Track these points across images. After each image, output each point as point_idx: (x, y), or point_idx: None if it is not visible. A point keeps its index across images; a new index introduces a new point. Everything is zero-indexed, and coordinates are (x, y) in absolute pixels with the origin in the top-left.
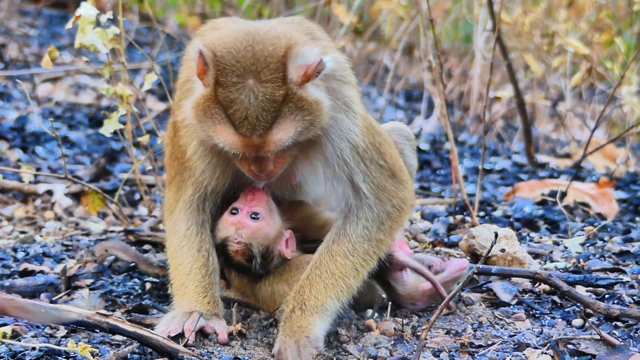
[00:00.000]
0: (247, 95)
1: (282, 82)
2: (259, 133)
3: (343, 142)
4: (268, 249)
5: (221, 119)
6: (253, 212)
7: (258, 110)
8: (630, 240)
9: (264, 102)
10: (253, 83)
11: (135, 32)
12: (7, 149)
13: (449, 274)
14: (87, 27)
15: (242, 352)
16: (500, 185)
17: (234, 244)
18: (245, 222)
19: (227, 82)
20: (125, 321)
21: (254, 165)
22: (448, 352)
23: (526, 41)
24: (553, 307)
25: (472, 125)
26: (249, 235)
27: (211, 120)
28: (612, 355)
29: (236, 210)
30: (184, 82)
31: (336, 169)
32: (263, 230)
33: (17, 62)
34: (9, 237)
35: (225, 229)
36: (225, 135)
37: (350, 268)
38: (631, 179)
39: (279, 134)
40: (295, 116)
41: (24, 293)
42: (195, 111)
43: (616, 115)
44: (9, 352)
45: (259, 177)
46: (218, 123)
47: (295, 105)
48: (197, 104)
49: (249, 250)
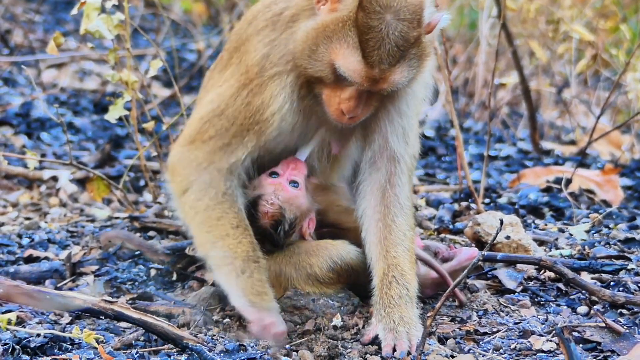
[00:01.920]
0: (387, 27)
1: (417, 24)
2: (384, 67)
3: (409, 108)
4: (296, 220)
5: (352, 44)
6: (292, 179)
7: (391, 44)
8: (636, 227)
9: (399, 37)
10: (392, 18)
11: (140, 18)
12: (12, 134)
13: (458, 262)
14: (92, 13)
15: (247, 340)
16: (505, 172)
17: (267, 205)
18: (284, 186)
19: (370, 8)
20: (131, 308)
21: (352, 102)
22: (454, 339)
23: (531, 28)
24: (558, 295)
25: (477, 112)
26: (286, 199)
27: (339, 43)
28: (617, 343)
29: (276, 174)
30: (243, 41)
31: (389, 135)
32: (299, 199)
33: (22, 48)
34: (13, 224)
35: (263, 187)
36: (351, 60)
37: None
38: (636, 165)
39: (400, 74)
40: (414, 62)
41: (28, 279)
42: (320, 33)
43: (621, 102)
44: (13, 338)
45: (343, 118)
46: (347, 47)
47: (418, 51)
48: (325, 26)
49: (280, 214)
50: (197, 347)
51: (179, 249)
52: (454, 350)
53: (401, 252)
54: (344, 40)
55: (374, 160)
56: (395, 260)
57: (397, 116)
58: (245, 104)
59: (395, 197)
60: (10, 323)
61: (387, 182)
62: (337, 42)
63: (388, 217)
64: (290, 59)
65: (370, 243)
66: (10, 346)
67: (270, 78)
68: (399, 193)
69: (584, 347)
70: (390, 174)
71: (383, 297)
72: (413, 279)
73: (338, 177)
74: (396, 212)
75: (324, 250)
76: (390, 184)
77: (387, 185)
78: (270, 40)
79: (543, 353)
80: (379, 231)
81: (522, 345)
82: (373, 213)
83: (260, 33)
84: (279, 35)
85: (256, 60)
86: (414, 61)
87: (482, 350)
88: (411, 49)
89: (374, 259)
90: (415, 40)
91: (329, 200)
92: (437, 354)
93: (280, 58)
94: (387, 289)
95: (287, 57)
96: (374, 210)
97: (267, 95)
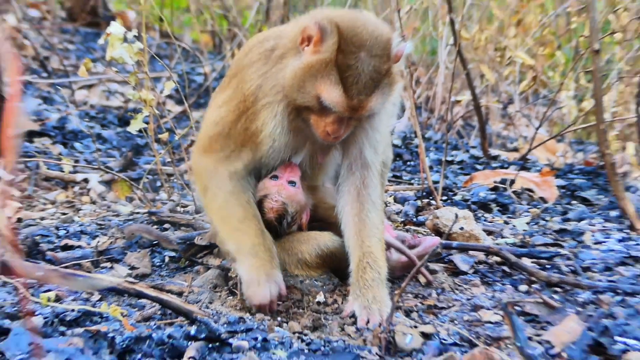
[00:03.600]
0: (362, 64)
1: (387, 58)
2: (361, 97)
3: (381, 124)
4: (297, 213)
5: (334, 80)
6: (291, 180)
7: (367, 77)
8: (568, 220)
9: (372, 71)
10: (365, 55)
11: (156, 47)
12: (51, 144)
13: (423, 248)
14: (116, 43)
15: (247, 314)
16: (460, 174)
17: (272, 202)
18: (285, 185)
19: (347, 50)
20: (149, 287)
21: (335, 125)
22: (417, 312)
23: (482, 54)
24: (503, 276)
25: (437, 125)
26: (287, 196)
27: (323, 81)
28: (552, 316)
29: (276, 177)
30: (240, 69)
31: (363, 146)
32: (298, 196)
33: (58, 72)
34: (52, 218)
35: (267, 188)
36: (334, 94)
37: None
38: (569, 169)
39: (375, 101)
40: (386, 89)
41: (64, 264)
42: (306, 72)
43: (556, 115)
44: (52, 313)
45: (329, 137)
46: (330, 83)
47: (389, 80)
48: (310, 66)
49: (284, 209)
50: (204, 319)
51: (189, 239)
52: (417, 321)
53: (374, 243)
54: (327, 78)
55: (350, 166)
56: (369, 249)
57: (370, 131)
58: (244, 129)
59: (368, 196)
60: (50, 300)
61: (361, 184)
62: (322, 80)
63: (363, 213)
64: (280, 90)
65: (348, 234)
66: (50, 319)
67: (263, 107)
68: (371, 193)
69: (525, 319)
70: (364, 177)
71: (359, 279)
72: (384, 265)
73: (324, 180)
74: (369, 209)
75: (313, 239)
76: (364, 186)
77: (361, 186)
78: (263, 72)
79: (490, 324)
80: (355, 225)
81: (473, 318)
82: (350, 209)
83: (254, 65)
84: (270, 69)
85: (251, 91)
86: (386, 88)
87: (440, 321)
88: (383, 79)
89: (351, 247)
90: (386, 72)
91: (318, 199)
92: (403, 324)
93: (271, 89)
94: (362, 272)
95: (278, 88)
96: (351, 207)
97: (260, 122)
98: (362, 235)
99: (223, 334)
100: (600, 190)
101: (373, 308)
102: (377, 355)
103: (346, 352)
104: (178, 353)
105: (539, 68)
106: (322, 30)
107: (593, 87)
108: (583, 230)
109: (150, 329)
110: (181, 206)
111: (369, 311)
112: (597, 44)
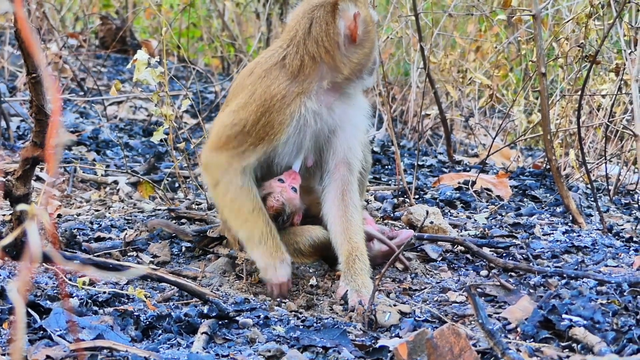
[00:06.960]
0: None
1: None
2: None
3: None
4: (292, 214)
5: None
6: (293, 186)
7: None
8: (520, 215)
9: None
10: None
11: (175, 70)
12: (86, 152)
13: (400, 240)
14: (141, 67)
15: (251, 295)
16: (429, 177)
17: (274, 200)
18: (288, 189)
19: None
20: (169, 273)
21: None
22: (395, 293)
23: (447, 75)
24: (467, 262)
25: (410, 134)
26: (288, 198)
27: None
28: (508, 296)
29: (282, 180)
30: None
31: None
32: (296, 200)
33: (92, 91)
34: (87, 214)
35: (272, 187)
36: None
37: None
38: (520, 171)
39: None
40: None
41: (97, 253)
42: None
43: (510, 127)
44: (87, 294)
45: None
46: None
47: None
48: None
49: (282, 209)
50: (215, 300)
51: (202, 232)
52: (396, 301)
53: (359, 239)
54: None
55: (334, 171)
56: (356, 245)
57: (352, 140)
58: (266, 123)
59: (350, 200)
60: (85, 284)
61: (345, 188)
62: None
63: (347, 214)
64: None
65: (335, 232)
66: (85, 300)
67: (286, 104)
68: (352, 196)
69: (486, 300)
70: (346, 182)
71: (350, 269)
72: (367, 258)
73: (314, 183)
74: (352, 210)
75: (307, 232)
76: (347, 190)
77: (344, 190)
78: (279, 78)
79: (457, 304)
80: (342, 224)
81: (442, 298)
82: (337, 211)
83: (271, 72)
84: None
85: (274, 92)
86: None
87: (415, 301)
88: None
89: (339, 243)
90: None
91: (312, 199)
92: (383, 304)
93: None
94: (352, 263)
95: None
96: (337, 209)
97: (283, 115)
98: (349, 232)
99: (231, 313)
100: (547, 190)
101: (363, 291)
102: (361, 330)
103: (335, 328)
104: (193, 329)
105: (495, 87)
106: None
107: (540, 103)
108: (533, 223)
109: (169, 309)
110: (196, 204)
111: (360, 294)
112: (543, 68)
